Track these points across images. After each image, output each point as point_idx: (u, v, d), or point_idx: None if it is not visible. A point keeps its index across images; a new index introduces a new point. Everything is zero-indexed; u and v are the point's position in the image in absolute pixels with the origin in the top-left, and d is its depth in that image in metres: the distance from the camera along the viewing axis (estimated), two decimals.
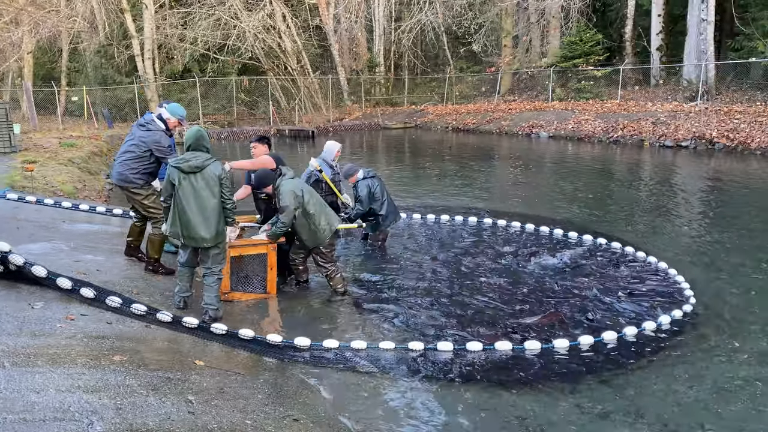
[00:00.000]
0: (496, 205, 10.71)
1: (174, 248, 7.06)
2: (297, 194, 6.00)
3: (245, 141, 24.23)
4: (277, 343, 4.93)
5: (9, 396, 3.23)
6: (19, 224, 7.23)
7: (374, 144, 22.76)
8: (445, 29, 29.98)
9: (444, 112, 27.88)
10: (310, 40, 29.92)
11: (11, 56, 27.41)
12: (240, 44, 26.87)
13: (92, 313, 4.83)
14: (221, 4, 27.00)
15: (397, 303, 6.09)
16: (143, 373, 3.88)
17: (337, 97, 30.25)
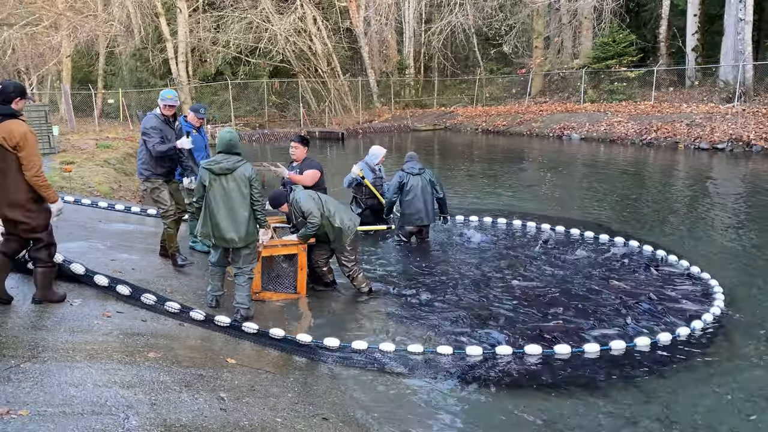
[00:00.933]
0: (526, 207, 10.62)
1: (207, 248, 7.20)
2: (314, 197, 6.10)
3: (276, 143, 24.51)
4: (306, 343, 4.98)
5: (49, 390, 3.33)
6: (58, 223, 7.41)
7: (403, 146, 22.76)
8: (475, 31, 29.85)
9: (474, 114, 27.76)
10: (341, 43, 30.09)
11: (50, 60, 28.17)
12: (271, 47, 27.16)
13: (128, 310, 4.96)
14: (253, 7, 27.34)
15: (425, 305, 6.10)
16: (177, 370, 3.97)
17: (366, 99, 30.36)
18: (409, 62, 31.80)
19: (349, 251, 6.25)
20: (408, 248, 8.09)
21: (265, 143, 24.61)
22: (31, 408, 3.08)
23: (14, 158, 4.30)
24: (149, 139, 6.06)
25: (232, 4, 27.54)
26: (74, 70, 29.82)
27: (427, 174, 8.08)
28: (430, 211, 8.02)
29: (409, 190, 7.96)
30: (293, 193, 6.27)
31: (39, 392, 3.27)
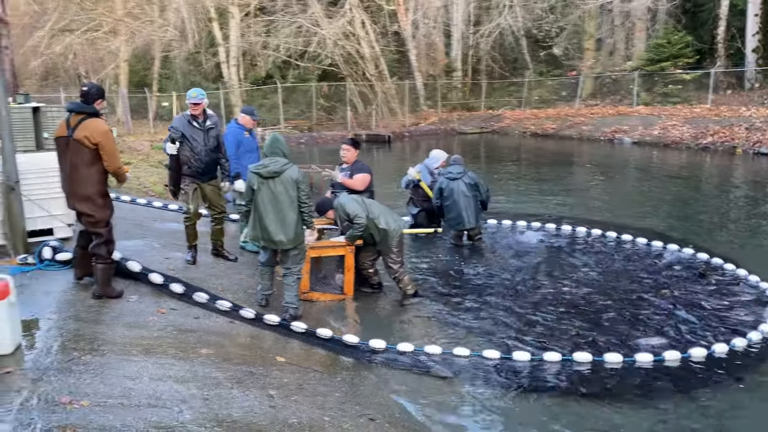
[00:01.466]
0: (576, 212, 10.43)
1: (257, 248, 7.34)
2: (357, 201, 6.16)
3: (323, 145, 24.77)
4: (353, 344, 5.02)
5: (109, 382, 3.46)
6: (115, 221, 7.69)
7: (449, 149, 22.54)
8: (524, 33, 29.47)
9: (522, 117, 27.40)
10: (388, 46, 30.17)
11: (109, 64, 29.21)
12: (320, 51, 27.46)
13: (181, 307, 5.10)
14: (303, 12, 27.70)
15: (472, 308, 6.06)
16: (228, 367, 4.07)
17: (413, 102, 30.35)
18: (457, 65, 31.63)
19: (396, 253, 6.27)
20: (458, 251, 8.07)
21: (312, 146, 24.90)
22: (91, 399, 3.21)
23: (88, 154, 4.55)
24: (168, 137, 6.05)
25: (283, 8, 27.97)
26: (131, 73, 30.78)
27: (467, 177, 8.05)
28: (471, 214, 7.99)
29: (447, 195, 8.01)
30: (337, 198, 6.35)
31: (99, 384, 3.41)
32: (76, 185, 4.68)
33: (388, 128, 27.07)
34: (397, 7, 29.27)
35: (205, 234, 7.87)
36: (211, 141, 6.16)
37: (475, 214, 8.05)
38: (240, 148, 6.94)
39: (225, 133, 7.13)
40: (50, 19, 26.21)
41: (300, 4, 27.99)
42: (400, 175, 15.71)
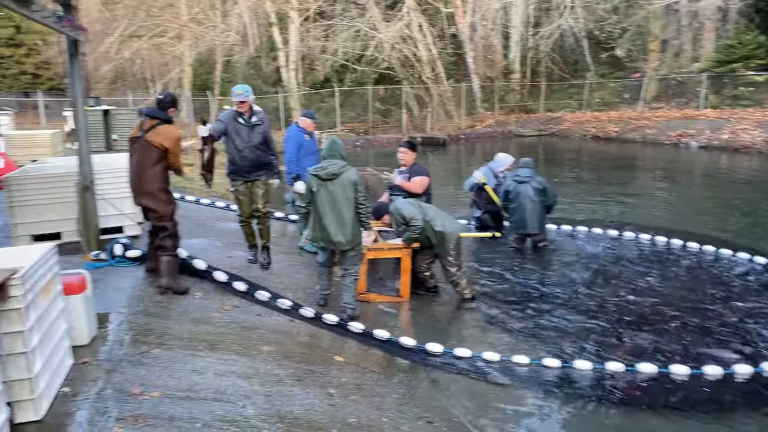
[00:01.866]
0: (640, 218, 10.11)
1: (315, 248, 7.46)
2: (413, 204, 6.17)
3: (379, 148, 24.90)
4: (410, 347, 5.03)
5: (176, 375, 3.59)
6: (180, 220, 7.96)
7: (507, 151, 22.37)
8: (586, 34, 28.82)
9: (582, 120, 26.80)
10: (445, 49, 30.07)
11: (174, 68, 30.25)
12: (377, 55, 27.65)
13: (244, 305, 5.24)
14: (361, 16, 27.96)
15: (532, 314, 5.97)
16: (289, 364, 4.15)
17: (469, 104, 30.14)
18: (515, 67, 31.22)
19: (453, 256, 6.24)
20: (519, 255, 7.97)
21: (368, 149, 25.07)
22: (161, 390, 3.34)
23: (156, 154, 4.93)
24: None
25: (341, 13, 28.31)
26: (194, 77, 31.74)
27: (535, 182, 7.93)
28: (535, 220, 7.88)
29: (513, 198, 7.96)
30: (393, 202, 6.38)
31: (167, 377, 3.54)
32: (142, 182, 5.02)
33: (443, 131, 26.99)
34: (455, 9, 29.15)
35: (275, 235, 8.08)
36: (255, 137, 6.03)
37: (540, 220, 7.95)
38: (300, 151, 7.07)
39: (286, 136, 7.28)
40: (120, 25, 27.32)
41: (358, 9, 28.27)
42: (456, 178, 15.67)
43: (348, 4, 28.16)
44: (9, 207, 6.11)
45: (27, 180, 6.15)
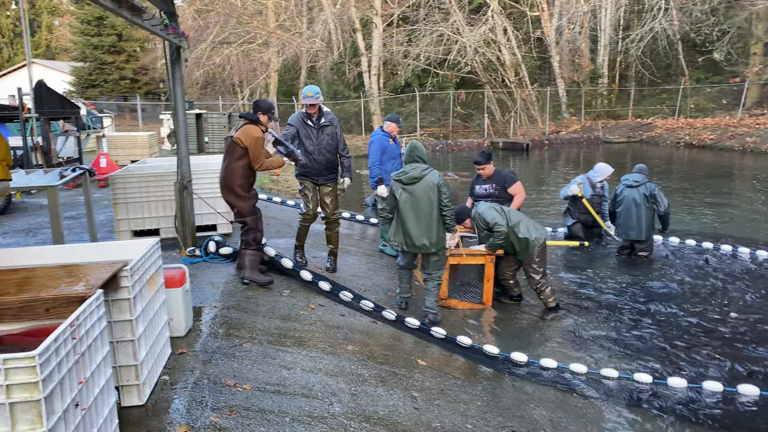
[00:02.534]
0: (738, 231, 9.53)
1: (395, 251, 7.50)
2: (496, 209, 6.07)
3: (458, 153, 24.76)
4: (494, 355, 4.96)
5: (266, 369, 3.70)
6: (267, 221, 8.22)
7: (592, 158, 21.68)
8: (680, 37, 27.53)
9: (675, 126, 25.58)
10: (530, 53, 29.55)
11: (261, 74, 31.33)
12: (460, 59, 27.53)
13: (328, 304, 5.33)
14: (444, 20, 27.94)
15: (623, 326, 5.74)
16: (372, 365, 4.18)
17: (554, 109, 29.46)
18: (603, 71, 30.24)
19: (537, 263, 6.10)
20: (616, 264, 7.71)
21: (447, 153, 24.98)
22: (252, 384, 3.45)
23: (239, 152, 5.14)
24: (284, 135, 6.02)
25: (425, 17, 28.40)
26: (279, 83, 32.77)
27: (645, 188, 7.73)
28: (642, 226, 7.68)
29: (620, 202, 7.91)
30: (475, 207, 6.30)
31: (258, 370, 3.65)
32: (225, 177, 5.27)
33: (526, 136, 26.50)
34: (541, 13, 28.59)
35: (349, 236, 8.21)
36: (325, 139, 6.00)
37: (647, 227, 7.73)
38: (384, 155, 7.13)
39: (371, 140, 7.37)
40: (212, 32, 28.58)
41: (442, 13, 28.27)
42: (538, 184, 15.33)
43: (431, 9, 28.21)
44: (113, 203, 6.52)
45: (130, 179, 6.54)
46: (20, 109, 10.49)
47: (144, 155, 15.10)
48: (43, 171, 6.21)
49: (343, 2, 28.48)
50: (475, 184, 7.06)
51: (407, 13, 29.23)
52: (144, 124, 30.92)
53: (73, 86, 38.14)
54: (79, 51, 39.79)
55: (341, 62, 32.10)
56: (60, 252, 3.31)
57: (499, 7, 28.04)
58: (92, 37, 37.83)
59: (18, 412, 1.90)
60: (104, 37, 37.83)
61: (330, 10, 28.65)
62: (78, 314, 2.24)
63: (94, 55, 37.99)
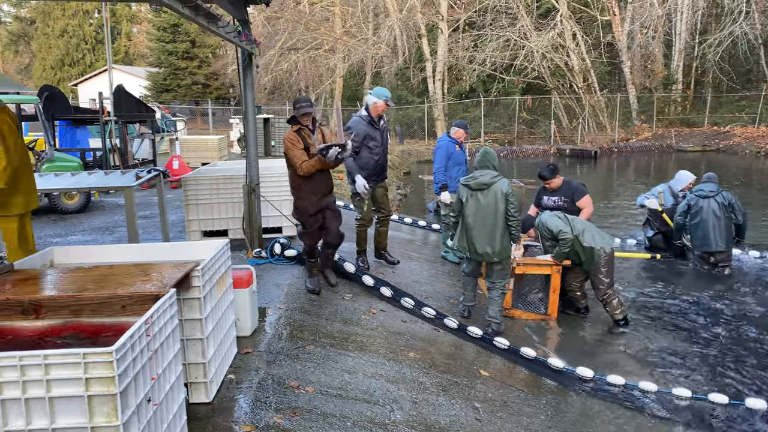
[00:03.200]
0: None
1: (458, 258, 7.43)
2: (560, 217, 5.92)
3: (523, 159, 24.35)
4: (558, 368, 4.82)
5: (329, 372, 3.72)
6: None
7: (664, 167, 20.88)
8: (762, 41, 26.15)
9: (755, 135, 24.30)
10: (600, 58, 28.77)
11: (326, 80, 31.80)
12: (527, 64, 27.11)
13: (389, 309, 5.33)
14: (512, 25, 27.59)
15: (698, 343, 5.47)
16: (434, 373, 4.14)
17: (624, 116, 28.55)
18: (677, 77, 29.08)
19: (604, 273, 5.88)
20: (694, 278, 7.38)
21: (512, 160, 24.60)
22: (315, 386, 3.48)
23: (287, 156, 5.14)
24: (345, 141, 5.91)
25: (491, 22, 28.13)
26: (344, 88, 33.18)
27: (722, 197, 7.38)
28: (720, 236, 7.31)
29: (695, 213, 7.51)
30: (539, 216, 6.16)
31: (321, 374, 3.68)
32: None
33: (594, 143, 25.80)
34: (612, 17, 27.78)
35: (411, 242, 8.19)
36: (385, 140, 6.11)
37: (726, 237, 7.36)
38: (450, 161, 7.07)
39: (437, 146, 7.33)
40: (280, 39, 29.24)
41: (509, 18, 27.92)
42: (607, 193, 14.86)
43: (498, 14, 27.90)
44: (185, 204, 6.74)
45: (201, 181, 6.75)
46: (101, 112, 11.03)
47: (214, 158, 15.60)
48: (121, 172, 6.49)
49: (409, 8, 28.56)
50: (543, 195, 6.89)
51: (473, 18, 29.02)
52: (214, 128, 31.96)
53: (149, 90, 39.86)
54: (155, 57, 41.59)
55: (406, 67, 32.21)
56: (135, 251, 3.44)
57: (569, 11, 27.43)
58: (167, 44, 39.46)
59: (95, 404, 1.97)
60: (178, 43, 39.38)
61: (396, 16, 28.79)
62: (152, 312, 2.31)
63: (169, 61, 39.59)
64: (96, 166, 10.73)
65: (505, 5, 27.47)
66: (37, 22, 51.94)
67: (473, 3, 28.74)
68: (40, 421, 1.96)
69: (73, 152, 10.73)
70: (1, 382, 1.93)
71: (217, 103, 40.01)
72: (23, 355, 1.94)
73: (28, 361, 1.93)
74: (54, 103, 10.84)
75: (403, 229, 9.44)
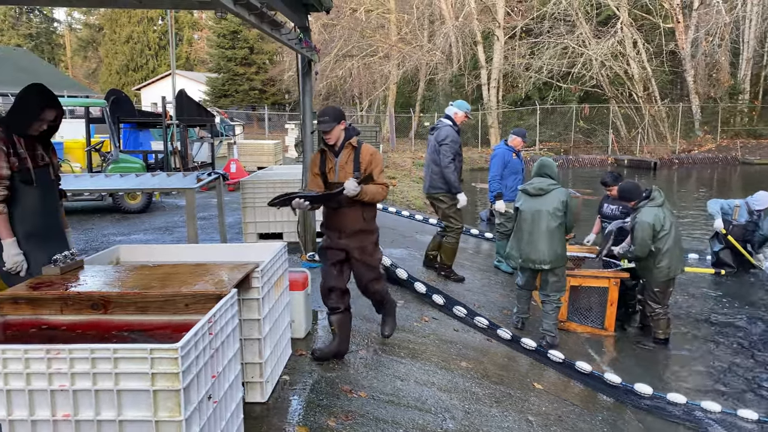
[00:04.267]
0: None
1: (511, 268, 7.32)
2: (655, 227, 5.50)
3: (579, 169, 23.86)
4: (615, 384, 4.68)
5: (381, 378, 3.72)
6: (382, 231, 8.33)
7: (728, 180, 20.09)
8: None
9: None
10: (661, 66, 27.93)
11: (380, 86, 32.00)
12: (585, 72, 26.58)
13: (441, 318, 5.30)
14: (570, 33, 27.12)
15: (764, 365, 5.23)
16: (487, 384, 4.09)
17: (685, 126, 27.61)
18: (744, 86, 27.95)
19: (657, 291, 5.64)
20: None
21: (567, 169, 24.13)
22: (367, 391, 3.49)
23: None
24: (449, 151, 6.04)
25: (549, 30, 27.72)
26: (397, 95, 33.29)
27: None
28: None
29: None
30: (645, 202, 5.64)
31: (373, 379, 3.68)
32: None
33: (654, 154, 25.06)
34: (676, 25, 26.94)
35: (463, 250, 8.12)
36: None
37: None
38: (506, 169, 6.99)
39: (494, 153, 7.26)
40: (336, 45, 29.61)
41: (567, 25, 27.45)
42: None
43: (556, 22, 27.47)
44: (242, 207, 6.89)
45: (258, 184, 6.89)
46: (163, 116, 11.42)
47: (269, 162, 15.89)
48: (182, 174, 6.68)
49: (465, 15, 28.47)
50: (604, 203, 6.75)
51: (530, 26, 28.66)
52: (270, 133, 32.58)
53: (208, 95, 41.02)
54: (214, 63, 42.79)
55: (460, 75, 32.07)
56: (195, 251, 3.53)
57: (630, 18, 26.76)
58: (227, 50, 40.53)
59: (160, 399, 2.02)
60: (237, 50, 40.40)
61: (452, 23, 28.75)
62: (215, 311, 2.36)
63: (228, 67, 40.65)
64: (157, 168, 11.11)
65: (564, 13, 27.02)
66: (105, 29, 54.29)
67: (531, 10, 28.39)
68: (108, 412, 2.03)
69: (135, 154, 11.14)
70: (74, 373, 2.01)
71: (273, 108, 40.78)
72: (94, 348, 2.01)
73: (99, 354, 2.01)
74: (120, 106, 11.28)
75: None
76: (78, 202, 9.66)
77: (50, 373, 2.01)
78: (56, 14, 59.77)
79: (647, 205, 5.60)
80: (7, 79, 29.57)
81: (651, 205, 5.59)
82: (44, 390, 2.02)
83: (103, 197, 9.60)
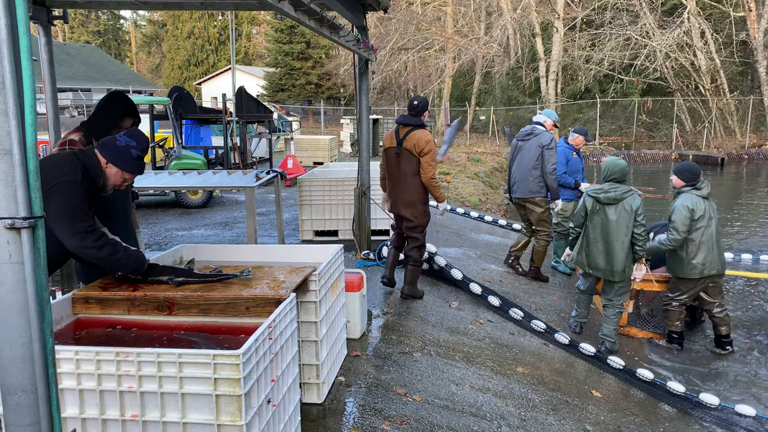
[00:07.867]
0: None
1: (569, 270, 7.16)
2: (694, 213, 5.18)
3: (642, 165, 23.09)
4: (678, 393, 4.52)
5: (436, 382, 3.71)
6: (437, 229, 8.30)
7: None
8: None
9: None
10: (731, 57, 26.66)
11: (435, 80, 31.80)
12: (648, 64, 25.65)
13: (497, 320, 5.23)
14: (633, 23, 26.20)
15: None
16: (543, 391, 4.02)
17: (756, 120, 26.28)
18: None
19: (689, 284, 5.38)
20: None
21: (630, 164, 23.37)
22: (422, 395, 3.48)
23: (415, 163, 4.88)
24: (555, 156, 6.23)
25: (611, 21, 26.87)
26: (453, 88, 33.01)
27: None
28: None
29: None
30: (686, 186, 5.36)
31: (428, 382, 3.68)
32: (403, 191, 4.98)
33: (721, 149, 24.00)
34: (747, 13, 25.63)
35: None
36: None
37: None
38: (566, 168, 6.81)
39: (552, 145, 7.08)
40: (391, 39, 29.58)
41: (630, 16, 26.54)
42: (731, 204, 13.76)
43: (619, 12, 26.59)
44: (299, 204, 6.99)
45: (315, 182, 6.97)
46: (224, 112, 11.68)
47: (325, 158, 16.06)
48: (242, 172, 6.83)
49: (523, 7, 27.92)
50: None
51: (591, 17, 27.83)
52: (325, 128, 32.89)
53: (265, 90, 41.73)
54: (272, 57, 43.47)
55: (518, 67, 31.54)
56: (253, 251, 3.59)
57: (697, 8, 25.63)
58: (284, 45, 41.09)
59: (222, 404, 2.08)
60: (294, 44, 40.91)
61: (510, 15, 28.24)
62: (275, 316, 2.40)
63: (285, 61, 41.23)
64: (217, 163, 11.39)
65: (627, 3, 26.13)
66: (168, 25, 55.99)
67: (591, 1, 27.58)
68: (173, 414, 2.10)
69: (196, 150, 11.45)
70: (141, 375, 2.08)
71: (329, 102, 41.18)
72: (161, 352, 2.08)
73: (165, 358, 2.07)
74: (182, 103, 11.61)
75: (511, 236, 9.23)
76: (142, 197, 10.02)
77: (119, 375, 2.10)
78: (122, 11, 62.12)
79: (690, 191, 5.33)
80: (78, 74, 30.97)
81: (694, 193, 5.31)
82: (114, 391, 2.11)
83: (167, 193, 9.93)
